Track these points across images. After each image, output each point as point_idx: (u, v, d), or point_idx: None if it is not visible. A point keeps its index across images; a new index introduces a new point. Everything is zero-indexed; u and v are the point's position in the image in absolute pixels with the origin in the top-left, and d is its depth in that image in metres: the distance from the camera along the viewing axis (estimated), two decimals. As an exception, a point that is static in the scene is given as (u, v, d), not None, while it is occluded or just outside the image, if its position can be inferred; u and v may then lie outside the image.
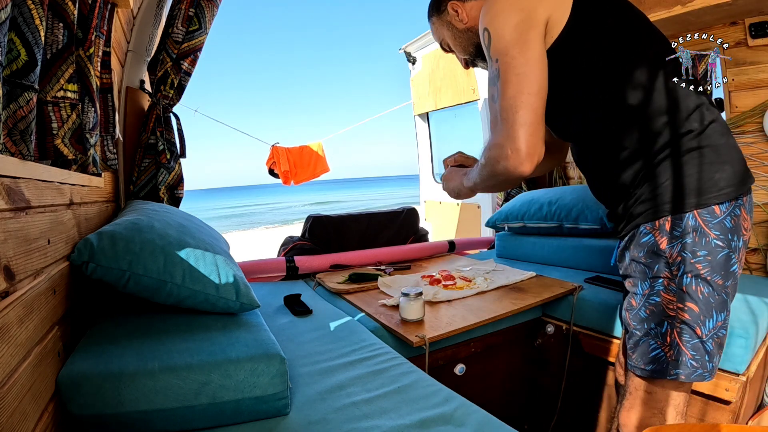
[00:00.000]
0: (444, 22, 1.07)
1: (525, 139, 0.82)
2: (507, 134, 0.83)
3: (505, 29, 0.84)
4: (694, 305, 0.81)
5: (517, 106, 0.82)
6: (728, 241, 0.80)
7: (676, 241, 0.82)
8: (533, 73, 0.82)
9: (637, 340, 0.88)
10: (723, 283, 0.81)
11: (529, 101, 0.82)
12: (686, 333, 0.82)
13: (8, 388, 0.48)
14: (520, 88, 0.82)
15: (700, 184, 0.81)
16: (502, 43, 0.84)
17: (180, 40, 1.46)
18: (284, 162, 3.95)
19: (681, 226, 0.81)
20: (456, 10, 1.03)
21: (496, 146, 0.86)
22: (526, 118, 0.82)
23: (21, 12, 0.57)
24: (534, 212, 1.86)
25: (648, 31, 0.90)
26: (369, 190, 47.36)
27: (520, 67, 0.82)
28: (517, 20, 0.83)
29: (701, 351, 0.82)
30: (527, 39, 0.82)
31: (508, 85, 0.83)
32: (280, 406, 0.72)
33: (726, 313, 0.82)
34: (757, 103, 1.48)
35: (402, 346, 1.07)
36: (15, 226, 0.55)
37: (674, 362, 0.83)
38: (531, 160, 0.83)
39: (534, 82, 0.82)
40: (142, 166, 1.49)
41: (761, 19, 1.42)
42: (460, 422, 0.71)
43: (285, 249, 1.87)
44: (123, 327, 0.79)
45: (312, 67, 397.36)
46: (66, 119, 0.75)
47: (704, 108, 0.85)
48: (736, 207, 0.82)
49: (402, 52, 3.52)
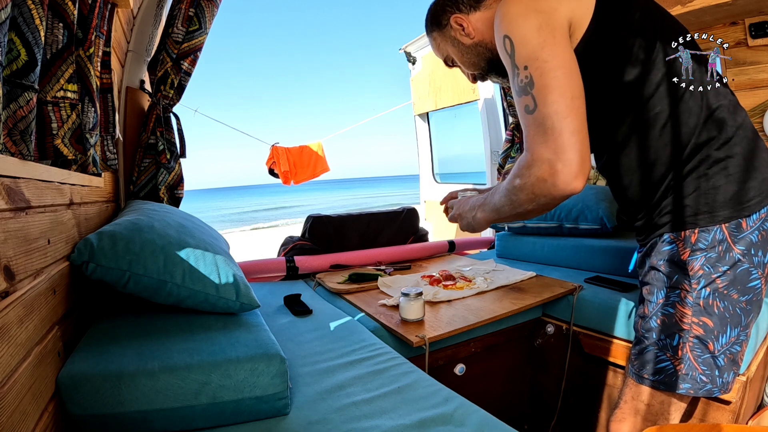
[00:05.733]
0: (447, 38, 0.98)
1: (578, 149, 0.71)
2: (556, 145, 0.72)
3: (529, 33, 0.75)
4: (709, 320, 0.79)
5: (564, 112, 0.72)
6: (751, 256, 0.78)
7: (701, 254, 0.79)
8: (573, 75, 0.74)
9: (644, 348, 0.85)
10: (738, 297, 0.78)
11: (575, 105, 0.72)
12: (698, 348, 0.80)
13: (8, 388, 0.48)
14: (563, 92, 0.73)
15: (727, 197, 0.78)
16: (528, 48, 0.75)
17: (180, 40, 1.46)
18: (284, 162, 3.95)
19: (708, 239, 0.79)
20: (461, 24, 0.94)
21: (540, 161, 0.74)
22: (576, 125, 0.72)
23: (21, 12, 0.57)
24: (534, 212, 1.86)
25: (672, 26, 0.84)
26: (369, 190, 47.36)
27: (557, 69, 0.73)
28: (539, 23, 0.75)
29: (712, 366, 0.80)
30: (555, 40, 0.74)
31: (548, 90, 0.73)
32: (280, 406, 0.72)
33: (740, 328, 0.80)
34: (757, 103, 1.48)
35: (402, 346, 1.07)
36: (15, 226, 0.55)
37: (684, 376, 0.81)
38: (584, 173, 0.72)
39: (576, 85, 0.74)
40: (142, 166, 1.49)
41: (761, 19, 1.42)
42: (460, 422, 0.71)
43: (285, 249, 1.87)
44: (123, 327, 0.79)
45: (312, 67, 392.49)
46: (66, 119, 0.75)
47: (730, 110, 0.81)
48: (766, 221, 0.78)
49: (402, 52, 3.52)
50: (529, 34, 0.75)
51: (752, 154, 0.79)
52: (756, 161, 0.78)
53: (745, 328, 0.80)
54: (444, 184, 3.56)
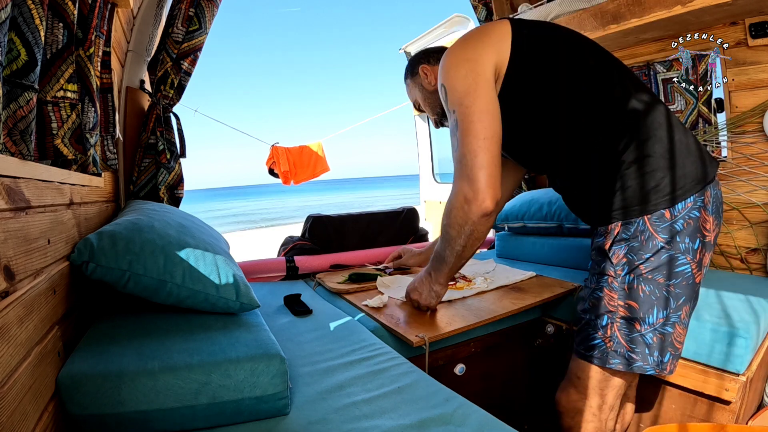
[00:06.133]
0: (416, 84, 1.17)
1: (485, 180, 0.88)
2: (468, 179, 0.90)
3: (458, 82, 0.90)
4: (634, 302, 0.88)
5: (475, 152, 0.88)
6: (677, 243, 0.85)
7: (624, 244, 0.88)
8: (486, 119, 0.88)
9: (581, 327, 0.96)
10: (665, 281, 0.86)
11: (485, 146, 0.88)
12: (625, 327, 0.89)
13: (8, 388, 0.48)
14: (476, 134, 0.88)
15: (644, 191, 0.86)
16: (456, 95, 0.91)
17: (180, 40, 1.46)
18: (284, 162, 3.95)
19: (630, 230, 0.88)
20: (425, 73, 1.12)
21: (459, 193, 0.92)
22: (484, 161, 0.88)
23: (21, 12, 0.57)
24: (534, 212, 1.86)
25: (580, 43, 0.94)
26: (369, 190, 47.36)
27: (475, 114, 0.88)
28: (465, 71, 0.89)
29: (641, 344, 0.88)
30: (477, 88, 0.88)
31: (466, 132, 0.89)
32: (280, 406, 0.72)
33: (669, 310, 0.87)
34: (757, 103, 1.48)
35: (402, 346, 1.07)
36: (15, 226, 0.55)
37: (613, 352, 0.90)
38: (492, 197, 0.89)
39: (488, 128, 0.88)
40: (142, 165, 1.49)
41: (761, 19, 1.42)
42: (460, 422, 0.71)
43: (285, 249, 1.87)
44: (123, 327, 0.79)
45: (312, 66, 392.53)
46: (66, 119, 0.75)
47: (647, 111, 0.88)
48: (693, 209, 0.86)
49: (402, 52, 3.51)
50: (457, 83, 0.90)
51: (671, 152, 0.86)
52: (676, 158, 0.86)
53: (676, 311, 0.87)
54: (444, 184, 3.56)
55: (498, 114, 0.90)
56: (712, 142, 1.59)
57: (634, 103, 0.89)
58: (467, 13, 2.62)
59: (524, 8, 1.92)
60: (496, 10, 2.23)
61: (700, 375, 1.03)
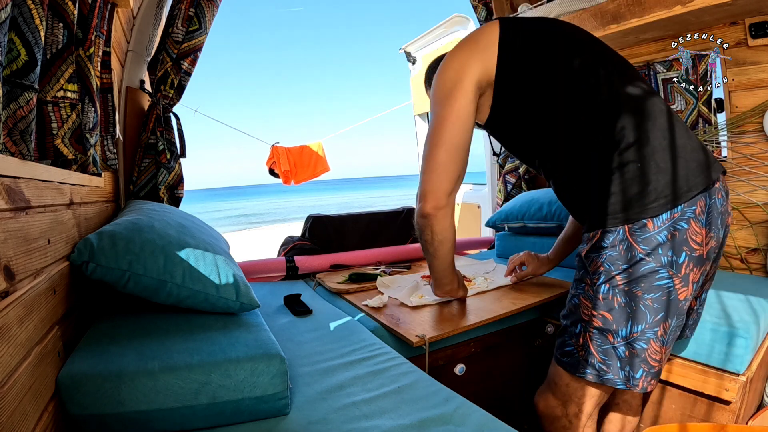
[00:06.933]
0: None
1: (431, 184, 0.94)
2: (422, 181, 0.96)
3: (439, 87, 0.94)
4: (608, 313, 0.84)
5: (430, 157, 0.94)
6: (658, 255, 0.79)
7: (601, 252, 0.84)
8: (453, 128, 0.91)
9: (560, 332, 0.95)
10: (643, 294, 0.81)
11: (438, 152, 0.93)
12: (598, 338, 0.85)
13: (8, 388, 0.48)
14: (436, 142, 0.93)
15: (626, 198, 0.81)
16: (435, 98, 0.95)
17: (180, 40, 1.46)
18: (284, 162, 3.95)
19: (609, 239, 0.83)
20: None
21: (417, 195, 0.99)
22: (433, 166, 0.93)
23: (21, 12, 0.57)
24: (534, 212, 1.86)
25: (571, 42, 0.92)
26: (369, 190, 47.34)
27: (443, 122, 0.92)
28: (447, 78, 0.93)
29: (612, 357, 0.84)
30: (452, 95, 0.91)
31: (431, 139, 0.94)
32: (280, 406, 0.72)
33: (645, 325, 0.81)
34: (757, 103, 1.48)
35: (402, 346, 1.07)
36: (15, 226, 0.55)
37: (584, 362, 0.87)
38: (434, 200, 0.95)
39: (451, 137, 0.92)
40: (142, 165, 1.49)
41: (761, 19, 1.42)
42: (460, 422, 0.71)
43: (285, 249, 1.87)
44: (123, 327, 0.79)
45: (312, 66, 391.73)
46: (66, 119, 0.75)
47: (635, 117, 0.83)
48: (680, 220, 0.79)
49: (402, 52, 3.51)
50: (439, 87, 0.95)
51: (663, 157, 0.81)
52: (667, 163, 0.81)
53: (653, 326, 0.82)
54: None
55: (467, 124, 0.92)
56: (712, 142, 1.59)
57: (625, 103, 0.84)
58: (467, 13, 2.63)
59: (524, 8, 1.92)
60: (496, 10, 2.23)
61: (700, 375, 1.03)
